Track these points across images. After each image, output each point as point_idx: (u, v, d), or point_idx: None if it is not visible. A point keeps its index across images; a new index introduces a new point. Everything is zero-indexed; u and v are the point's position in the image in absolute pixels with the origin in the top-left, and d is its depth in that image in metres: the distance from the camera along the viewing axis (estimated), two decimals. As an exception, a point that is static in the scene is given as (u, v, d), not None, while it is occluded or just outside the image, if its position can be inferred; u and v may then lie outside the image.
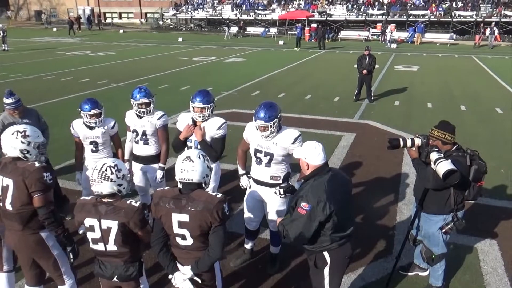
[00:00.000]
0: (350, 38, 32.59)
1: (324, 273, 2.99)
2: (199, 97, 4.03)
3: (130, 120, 4.58)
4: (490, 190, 5.94)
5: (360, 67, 11.53)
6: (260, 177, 3.88)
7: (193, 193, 2.67)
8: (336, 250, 2.93)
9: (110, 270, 2.80)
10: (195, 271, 2.70)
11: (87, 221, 2.71)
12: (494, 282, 4.03)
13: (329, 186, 2.82)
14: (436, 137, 3.51)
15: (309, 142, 3.01)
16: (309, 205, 2.77)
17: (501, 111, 10.61)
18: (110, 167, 2.68)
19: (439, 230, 3.58)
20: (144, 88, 4.47)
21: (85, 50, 24.10)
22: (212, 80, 14.75)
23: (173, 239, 2.74)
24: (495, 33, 27.59)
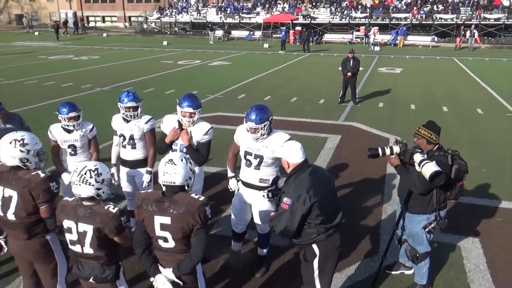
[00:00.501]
0: (334, 41, 32.90)
1: (314, 265, 3.07)
2: (188, 101, 3.99)
3: (117, 124, 4.54)
4: (472, 189, 6.07)
5: (345, 69, 11.66)
6: (249, 180, 3.90)
7: (175, 196, 2.68)
8: (324, 241, 3.02)
9: (87, 271, 2.81)
10: (177, 274, 2.72)
11: (65, 222, 2.72)
12: (477, 279, 4.11)
13: (309, 181, 2.95)
14: (422, 136, 3.59)
15: (288, 142, 3.19)
16: (291, 200, 2.91)
17: (482, 112, 10.84)
18: (90, 170, 2.67)
19: (422, 229, 3.64)
20: (132, 92, 4.45)
21: (68, 54, 23.81)
22: (197, 83, 14.73)
23: (155, 242, 2.75)
24: (475, 35, 28.20)
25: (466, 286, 4.03)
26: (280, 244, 4.69)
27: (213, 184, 6.09)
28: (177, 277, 2.73)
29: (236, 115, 9.97)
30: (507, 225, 5.14)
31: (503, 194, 5.92)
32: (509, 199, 5.79)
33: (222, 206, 5.49)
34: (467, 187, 6.01)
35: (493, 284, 4.04)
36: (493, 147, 8.10)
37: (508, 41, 30.51)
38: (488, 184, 6.27)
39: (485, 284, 4.04)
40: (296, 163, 3.05)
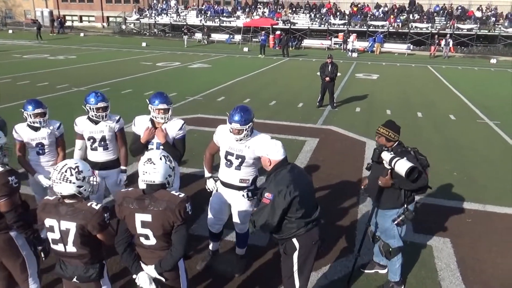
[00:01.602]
0: (313, 46, 33.30)
1: (293, 259, 3.16)
2: (160, 98, 4.05)
3: (84, 127, 4.42)
4: (444, 191, 6.28)
5: (323, 74, 11.84)
6: (229, 180, 3.93)
7: (156, 193, 2.70)
8: (304, 235, 3.12)
9: (70, 271, 2.78)
10: (159, 271, 2.73)
11: (47, 221, 2.70)
12: (447, 277, 4.26)
13: (289, 176, 3.06)
14: (381, 134, 3.81)
15: (269, 140, 3.31)
16: (272, 195, 3.01)
17: (454, 118, 11.20)
18: (70, 168, 2.67)
19: (392, 223, 3.77)
20: (100, 93, 4.39)
21: (44, 54, 23.30)
22: (177, 85, 14.67)
23: (137, 239, 2.76)
24: (449, 44, 29.03)
25: (437, 284, 4.17)
26: (259, 244, 4.75)
27: (194, 185, 6.10)
28: (159, 274, 2.74)
29: (216, 117, 9.99)
30: (477, 226, 5.34)
31: (473, 197, 6.13)
32: (479, 201, 6.01)
33: (200, 208, 5.50)
34: (439, 190, 6.26)
35: (462, 282, 4.19)
36: (464, 151, 8.38)
37: (480, 50, 31.51)
38: (459, 187, 6.49)
39: (455, 282, 4.19)
40: (277, 160, 3.15)
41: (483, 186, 6.58)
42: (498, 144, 9.02)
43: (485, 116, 11.54)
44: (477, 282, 4.20)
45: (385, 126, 3.87)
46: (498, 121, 10.87)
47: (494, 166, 7.54)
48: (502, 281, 4.22)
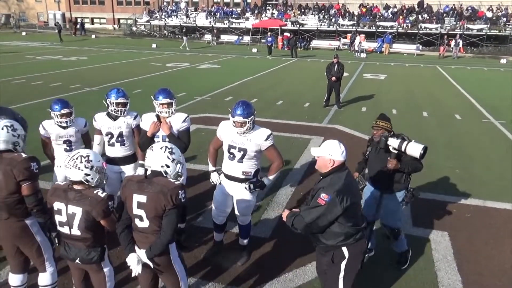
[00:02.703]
0: (322, 47, 33.41)
1: (341, 267, 3.13)
2: (164, 93, 4.29)
3: (102, 122, 4.62)
4: (445, 187, 6.42)
5: (329, 74, 11.99)
6: (232, 173, 4.11)
7: (155, 178, 2.88)
8: (354, 245, 3.10)
9: (73, 253, 2.98)
10: (149, 255, 2.85)
11: (56, 204, 2.92)
12: (443, 268, 4.41)
13: (348, 181, 3.02)
14: (382, 127, 4.14)
15: (332, 141, 3.15)
16: (329, 196, 2.93)
17: (460, 118, 11.27)
18: (81, 156, 2.89)
19: (400, 204, 4.17)
20: (122, 89, 4.63)
21: (56, 55, 23.79)
22: (185, 85, 14.93)
23: (133, 222, 2.92)
24: (459, 44, 28.93)
25: (433, 274, 4.32)
26: (262, 235, 4.95)
27: (200, 180, 6.32)
28: (150, 258, 2.87)
29: (223, 116, 10.14)
30: (475, 220, 5.47)
31: (473, 193, 6.26)
32: (478, 197, 6.14)
33: (206, 201, 5.71)
34: (440, 185, 6.40)
35: (458, 272, 4.34)
36: (467, 150, 8.48)
37: (490, 51, 31.34)
38: (460, 183, 6.61)
39: (450, 272, 4.34)
40: (340, 161, 3.06)
41: (484, 183, 6.69)
42: (502, 142, 9.10)
43: (490, 115, 11.59)
44: (472, 272, 4.34)
45: (382, 119, 4.20)
46: (504, 121, 10.92)
47: (496, 164, 7.64)
48: (496, 272, 4.36)
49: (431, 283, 4.16)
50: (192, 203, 5.61)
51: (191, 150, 6.57)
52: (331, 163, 3.05)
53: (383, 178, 4.13)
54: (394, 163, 3.99)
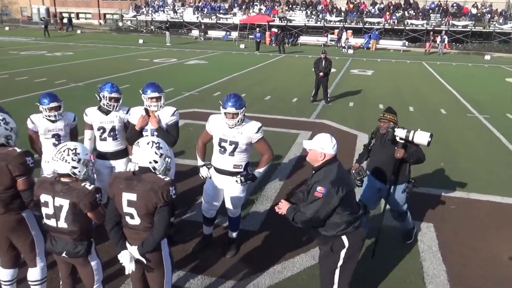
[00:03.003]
0: (309, 43, 33.51)
1: (340, 255, 3.15)
2: (152, 87, 4.28)
3: (94, 117, 4.57)
4: (431, 180, 6.53)
5: (317, 69, 12.06)
6: (223, 166, 4.11)
7: (144, 175, 2.83)
8: (354, 233, 3.13)
9: (60, 246, 2.95)
10: (141, 252, 2.82)
11: (42, 196, 2.90)
12: (429, 258, 4.51)
13: (340, 172, 3.08)
14: (389, 120, 4.33)
15: (324, 135, 3.17)
16: (325, 188, 2.98)
17: (445, 112, 11.45)
18: (69, 149, 2.86)
19: (403, 193, 4.43)
20: (115, 84, 4.60)
21: (41, 50, 23.41)
22: (173, 81, 14.85)
23: (123, 219, 2.89)
24: (445, 41, 29.29)
25: (418, 264, 4.41)
26: (250, 228, 4.98)
27: (189, 175, 6.32)
28: (142, 255, 2.84)
29: (211, 111, 10.12)
30: (460, 212, 5.59)
31: (458, 185, 6.38)
32: (463, 189, 6.27)
33: (195, 196, 5.72)
34: (425, 179, 6.50)
35: (442, 262, 4.43)
36: (452, 144, 8.63)
37: (474, 47, 31.79)
38: (446, 176, 6.73)
39: (435, 262, 4.43)
40: (332, 154, 3.10)
41: (469, 176, 6.82)
42: (486, 136, 9.28)
43: (475, 110, 11.80)
44: (456, 263, 4.44)
45: (390, 112, 4.43)
46: (488, 115, 11.13)
47: (480, 157, 7.80)
48: (479, 262, 4.47)
49: (416, 273, 4.24)
50: (181, 197, 5.59)
51: (179, 145, 6.54)
52: (322, 157, 3.09)
53: (388, 170, 4.30)
54: (402, 152, 4.15)
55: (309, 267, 4.29)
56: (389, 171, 4.28)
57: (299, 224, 3.13)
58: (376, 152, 4.50)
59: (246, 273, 4.16)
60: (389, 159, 4.26)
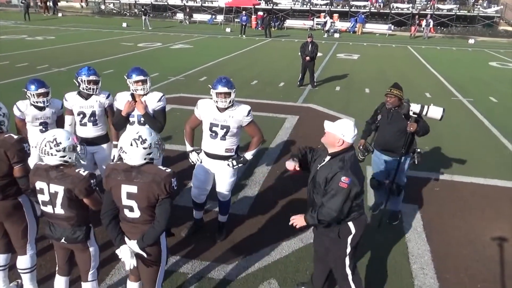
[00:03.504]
0: (296, 27, 33.31)
1: (348, 241, 3.15)
2: (137, 71, 4.23)
3: (74, 102, 4.49)
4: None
5: (303, 53, 12.03)
6: (215, 151, 4.10)
7: (143, 167, 2.75)
8: (359, 219, 3.15)
9: (59, 233, 2.96)
10: (141, 245, 2.76)
11: (38, 184, 2.89)
12: (413, 239, 4.63)
13: (355, 160, 3.08)
14: (395, 95, 4.49)
15: (347, 121, 3.12)
16: (349, 179, 2.93)
17: (430, 96, 11.58)
18: (49, 142, 2.81)
19: (408, 164, 4.66)
20: (92, 67, 4.53)
21: (21, 34, 22.79)
22: (158, 66, 14.66)
23: (121, 212, 2.82)
24: (430, 24, 29.42)
25: (403, 244, 4.52)
26: (239, 213, 5.03)
27: (177, 160, 6.32)
28: (142, 249, 2.78)
29: (198, 96, 10.05)
30: (443, 194, 5.73)
31: (442, 168, 6.52)
32: (447, 172, 6.41)
33: (184, 180, 5.73)
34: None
35: (427, 242, 4.56)
36: (436, 127, 8.66)
37: (459, 31, 32.04)
38: (430, 159, 6.84)
39: (420, 242, 4.55)
40: (350, 143, 3.07)
41: (453, 159, 6.96)
42: (469, 119, 9.45)
43: (459, 94, 11.98)
44: (439, 242, 4.57)
45: (396, 88, 4.55)
46: (472, 99, 11.31)
47: (463, 140, 7.96)
48: (461, 240, 4.62)
49: (401, 253, 4.36)
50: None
51: (166, 130, 6.49)
52: (340, 143, 3.04)
53: (396, 143, 4.49)
54: (415, 126, 4.33)
55: (297, 249, 4.37)
56: (397, 144, 4.47)
57: (327, 221, 3.03)
58: (383, 127, 4.65)
59: (236, 256, 4.21)
60: (397, 132, 4.46)
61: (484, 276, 4.04)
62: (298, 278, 3.94)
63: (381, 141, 4.68)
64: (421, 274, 4.05)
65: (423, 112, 4.29)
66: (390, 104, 4.53)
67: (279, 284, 3.84)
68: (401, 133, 4.45)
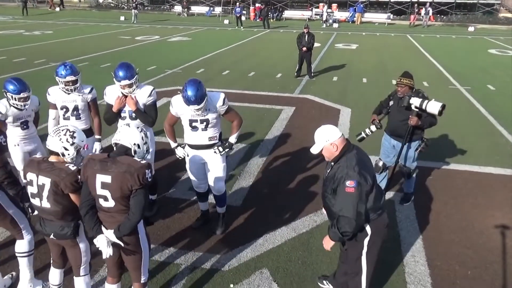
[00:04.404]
0: (294, 17, 33.13)
1: (364, 243, 3.02)
2: (122, 72, 4.09)
3: (56, 96, 4.49)
4: (410, 152, 6.65)
5: (300, 44, 11.99)
6: (198, 142, 4.10)
7: (119, 158, 2.79)
8: (377, 220, 2.98)
9: (48, 228, 3.00)
10: (117, 235, 2.79)
11: (28, 175, 2.93)
12: (406, 227, 4.66)
13: (360, 159, 2.91)
14: (406, 84, 4.59)
15: (320, 128, 3.04)
16: (355, 181, 2.79)
17: (428, 85, 11.54)
18: (68, 130, 2.93)
19: (415, 151, 4.79)
20: (70, 65, 4.41)
21: (19, 29, 22.75)
22: (156, 59, 14.66)
23: (97, 202, 2.84)
24: (429, 13, 29.22)
25: (396, 233, 4.55)
26: (233, 204, 5.07)
27: (170, 153, 6.30)
28: (119, 238, 2.80)
29: (194, 89, 10.12)
30: (438, 182, 5.74)
31: (438, 157, 6.53)
32: (441, 160, 6.42)
33: (177, 173, 5.77)
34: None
35: (419, 231, 4.59)
36: (433, 116, 8.74)
37: (459, 19, 31.83)
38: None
39: (412, 231, 4.59)
40: (341, 139, 2.95)
41: (448, 147, 6.98)
42: (466, 108, 9.44)
43: (457, 82, 11.93)
44: (431, 230, 4.61)
45: (406, 77, 4.61)
46: (469, 87, 11.27)
47: (459, 128, 7.94)
48: (453, 228, 4.65)
49: (394, 241, 4.38)
50: (163, 174, 5.65)
51: (161, 123, 6.51)
52: (334, 148, 2.95)
53: (402, 129, 4.64)
54: (415, 120, 4.47)
55: (290, 239, 4.41)
56: (404, 130, 4.61)
57: (350, 231, 2.85)
58: (394, 113, 4.79)
59: (229, 247, 4.25)
60: (404, 120, 4.60)
61: (475, 263, 4.08)
62: (290, 267, 3.98)
63: (391, 127, 4.86)
64: (412, 262, 4.08)
65: (422, 106, 4.37)
66: (401, 93, 4.63)
67: (271, 274, 3.89)
68: (407, 122, 4.59)
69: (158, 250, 4.18)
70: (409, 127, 4.54)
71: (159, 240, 4.33)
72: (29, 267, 3.53)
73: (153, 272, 3.84)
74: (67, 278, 3.50)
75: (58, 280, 3.35)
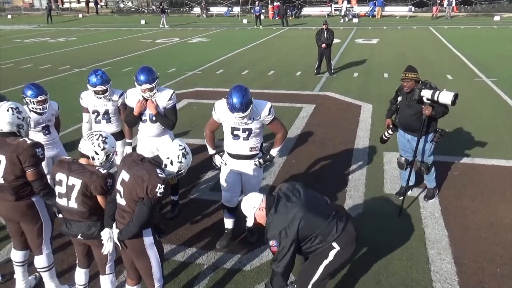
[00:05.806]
0: (313, 14, 32.90)
1: (329, 254, 2.97)
2: (143, 76, 4.10)
3: (88, 101, 4.65)
4: (435, 147, 6.48)
5: (319, 41, 11.89)
6: (239, 151, 3.92)
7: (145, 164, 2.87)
8: (341, 235, 2.93)
9: (75, 229, 3.08)
10: (119, 238, 2.87)
11: (58, 175, 3.02)
12: (431, 224, 4.55)
13: (281, 210, 2.90)
14: (411, 79, 4.53)
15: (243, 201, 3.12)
16: (275, 241, 2.86)
17: (451, 78, 11.26)
18: (101, 135, 3.02)
19: (431, 143, 4.71)
20: (101, 74, 4.49)
21: (44, 37, 23.42)
22: (176, 60, 14.81)
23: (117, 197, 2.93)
24: (452, 3, 28.50)
25: (421, 230, 4.45)
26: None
27: (193, 154, 6.36)
28: (120, 241, 2.89)
29: (214, 89, 10.18)
30: (463, 178, 5.59)
31: (462, 151, 6.35)
32: (467, 155, 6.24)
33: (200, 174, 5.81)
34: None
35: (444, 228, 4.47)
36: (457, 109, 8.43)
37: (483, 8, 30.93)
38: (450, 142, 6.66)
39: (437, 228, 4.47)
40: (263, 202, 3.00)
41: (474, 141, 6.77)
42: (493, 100, 9.15)
43: (482, 74, 11.58)
44: (458, 226, 4.48)
45: (411, 71, 4.57)
46: (495, 78, 10.92)
47: (485, 121, 7.72)
48: (480, 225, 4.51)
49: (418, 239, 4.29)
50: (186, 176, 5.58)
51: (183, 125, 6.64)
52: (263, 211, 2.98)
53: (414, 123, 4.58)
54: (430, 110, 4.37)
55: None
56: (417, 125, 4.53)
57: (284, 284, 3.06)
58: (403, 108, 4.74)
59: (251, 247, 4.24)
60: (415, 115, 4.54)
61: (504, 260, 3.94)
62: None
63: (402, 122, 4.82)
64: (438, 260, 3.98)
65: (434, 97, 4.27)
66: (408, 88, 4.59)
67: (292, 273, 3.86)
68: (419, 116, 4.51)
69: (180, 250, 4.22)
70: (424, 118, 4.45)
71: (181, 240, 4.37)
72: (53, 279, 3.59)
73: (175, 272, 3.89)
74: (93, 280, 3.57)
75: (83, 280, 3.43)
